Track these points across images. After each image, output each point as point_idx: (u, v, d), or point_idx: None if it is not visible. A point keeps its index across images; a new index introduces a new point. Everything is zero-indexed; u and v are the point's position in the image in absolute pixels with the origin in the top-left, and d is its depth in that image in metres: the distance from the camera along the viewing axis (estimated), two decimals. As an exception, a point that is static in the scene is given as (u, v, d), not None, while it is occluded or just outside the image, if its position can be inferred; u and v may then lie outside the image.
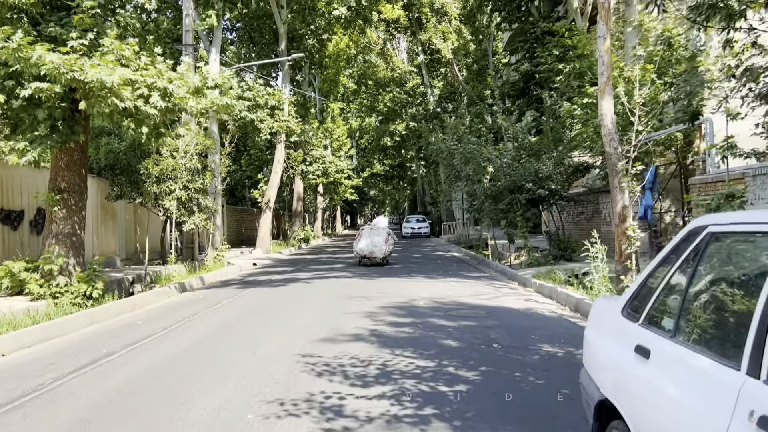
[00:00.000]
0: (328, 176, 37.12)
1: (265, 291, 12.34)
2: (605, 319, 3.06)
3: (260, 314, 9.23)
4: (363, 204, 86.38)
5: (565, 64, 23.92)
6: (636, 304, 2.76)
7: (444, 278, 14.17)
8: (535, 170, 16.01)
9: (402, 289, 12.01)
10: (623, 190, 10.87)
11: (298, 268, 17.95)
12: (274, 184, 25.22)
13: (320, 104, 43.82)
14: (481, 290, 11.74)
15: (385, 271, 16.11)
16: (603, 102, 11.15)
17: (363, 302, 10.00)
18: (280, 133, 25.10)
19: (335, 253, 25.11)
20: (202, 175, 16.76)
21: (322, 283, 13.48)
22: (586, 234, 19.95)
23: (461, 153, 18.29)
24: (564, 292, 10.37)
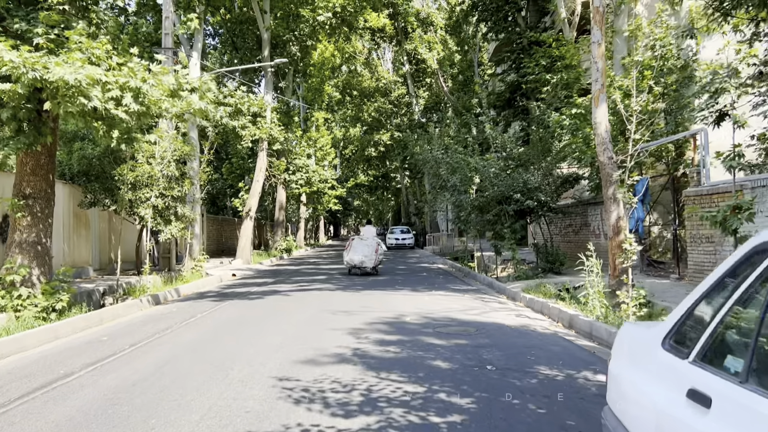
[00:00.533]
0: (311, 186, 36.53)
1: (243, 304, 11.73)
2: (639, 351, 2.56)
3: (236, 330, 8.63)
4: (347, 214, 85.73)
5: (552, 74, 23.74)
6: (682, 335, 2.26)
7: (430, 291, 13.66)
8: (524, 181, 15.62)
9: (387, 303, 11.47)
10: (618, 202, 10.48)
11: (279, 280, 17.33)
12: (256, 193, 24.59)
13: (304, 113, 43.31)
14: (470, 304, 11.25)
15: (370, 284, 15.56)
16: (597, 110, 10.77)
17: (346, 318, 9.45)
18: (262, 141, 24.51)
19: (318, 264, 24.50)
20: (180, 182, 16.13)
21: (303, 296, 12.89)
22: (574, 246, 19.61)
23: (448, 163, 17.88)
24: (556, 308, 9.91)
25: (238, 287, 15.49)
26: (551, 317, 9.93)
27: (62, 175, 16.27)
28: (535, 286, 12.92)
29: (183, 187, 16.04)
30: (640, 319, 8.88)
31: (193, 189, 18.51)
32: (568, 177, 16.28)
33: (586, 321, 8.56)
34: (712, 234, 11.45)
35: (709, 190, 11.44)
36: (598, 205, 16.73)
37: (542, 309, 10.60)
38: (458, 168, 17.62)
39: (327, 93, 49.58)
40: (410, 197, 56.74)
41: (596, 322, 8.32)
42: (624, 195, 9.34)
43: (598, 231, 16.92)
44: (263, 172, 24.74)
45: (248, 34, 25.51)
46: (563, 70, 23.59)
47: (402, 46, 40.45)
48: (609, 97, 11.52)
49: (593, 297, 9.34)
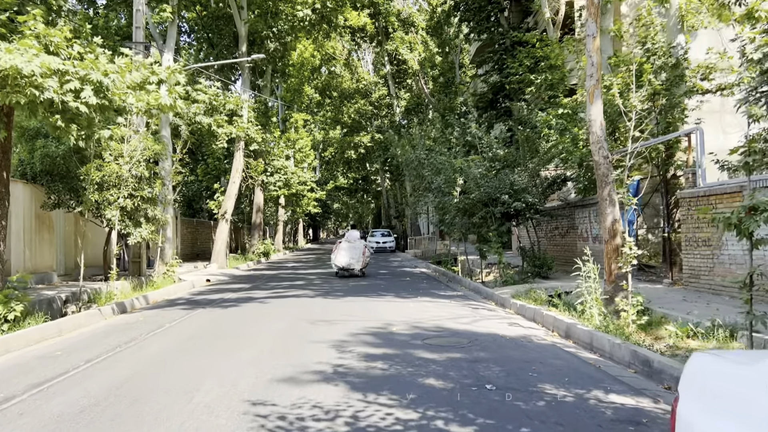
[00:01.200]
0: (290, 188, 35.68)
1: (216, 313, 10.94)
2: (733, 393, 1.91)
3: (206, 343, 7.87)
4: (326, 217, 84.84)
5: (536, 75, 23.31)
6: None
7: (415, 297, 13.00)
8: (511, 182, 15.06)
9: (371, 310, 10.79)
10: (614, 203, 9.94)
11: (255, 285, 16.53)
12: (232, 195, 23.73)
13: (283, 113, 42.48)
14: (459, 312, 10.61)
15: (351, 290, 14.86)
16: (592, 107, 10.23)
17: (327, 328, 8.74)
18: (238, 141, 23.67)
19: (296, 269, 23.71)
20: (151, 183, 15.28)
21: (281, 303, 12.14)
22: (560, 250, 19.13)
23: (432, 164, 17.28)
24: (551, 315, 9.32)
25: (212, 293, 14.68)
26: (546, 326, 9.34)
27: (23, 174, 15.31)
28: (525, 292, 12.34)
29: (154, 188, 15.19)
30: (641, 328, 8.34)
31: (165, 190, 17.64)
32: (555, 178, 15.76)
33: (586, 331, 7.97)
34: (709, 237, 10.98)
35: (706, 192, 10.97)
36: (586, 208, 16.27)
37: (535, 317, 10.01)
38: (442, 169, 17.03)
39: (307, 94, 48.79)
40: (391, 200, 56.13)
41: (597, 333, 7.73)
42: (623, 196, 8.78)
43: (586, 234, 16.44)
44: (240, 173, 23.88)
45: (225, 30, 24.67)
46: (547, 71, 23.19)
47: (383, 47, 39.86)
48: (608, 89, 10.95)
49: (591, 304, 8.76)
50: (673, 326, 8.05)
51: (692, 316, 8.62)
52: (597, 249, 15.90)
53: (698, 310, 9.20)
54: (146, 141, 15.26)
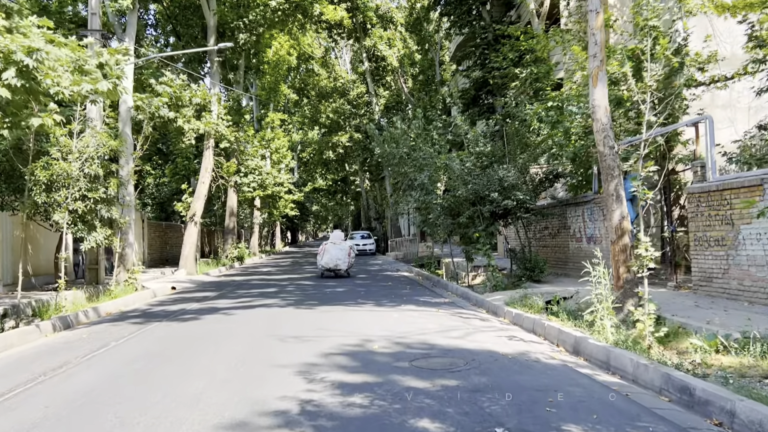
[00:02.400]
0: (265, 189, 34.23)
1: (171, 328, 9.58)
2: None
3: (148, 371, 6.53)
4: (305, 220, 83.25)
5: (521, 68, 22.28)
6: None
7: (398, 306, 11.76)
8: (500, 178, 13.92)
9: (348, 322, 9.52)
10: (621, 199, 8.84)
11: (222, 293, 15.15)
12: (201, 196, 22.26)
13: (258, 112, 41.01)
14: (448, 323, 9.39)
15: (327, 297, 13.58)
16: (595, 90, 9.11)
17: (297, 346, 7.46)
18: (208, 138, 22.22)
19: (270, 274, 22.32)
20: (106, 182, 13.84)
21: (248, 315, 10.80)
22: (551, 251, 18.03)
23: (414, 159, 16.09)
24: (554, 327, 8.15)
25: (173, 303, 13.28)
26: (548, 338, 8.17)
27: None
28: (519, 299, 11.19)
29: (108, 188, 13.74)
30: (659, 341, 7.21)
31: (124, 191, 16.18)
32: (548, 174, 14.65)
33: (600, 347, 6.80)
34: (723, 236, 9.92)
35: (719, 186, 9.91)
36: (579, 206, 15.20)
37: (535, 327, 8.84)
38: (426, 165, 15.84)
39: (283, 93, 47.34)
40: (371, 201, 54.87)
41: (614, 350, 6.57)
42: (638, 190, 7.64)
43: (579, 234, 15.37)
44: (209, 172, 22.43)
45: (193, 21, 23.22)
46: (533, 64, 22.17)
47: (361, 43, 38.63)
48: (620, 68, 9.84)
49: (602, 315, 7.60)
50: (697, 339, 6.91)
51: (715, 326, 7.52)
52: (592, 250, 14.82)
53: (719, 318, 8.11)
54: (101, 136, 13.82)
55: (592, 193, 14.67)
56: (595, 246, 14.61)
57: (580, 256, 15.51)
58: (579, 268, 15.88)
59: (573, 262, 15.91)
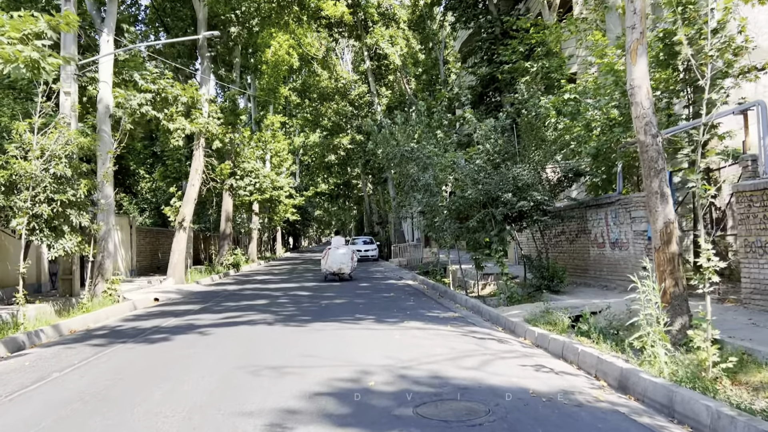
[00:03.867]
0: (263, 193, 32.81)
1: (134, 352, 8.11)
2: None
3: (73, 423, 5.06)
4: (307, 225, 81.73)
5: (531, 62, 20.89)
6: None
7: (402, 322, 10.28)
8: (514, 177, 12.46)
9: (342, 345, 8.05)
10: (666, 199, 7.34)
11: (207, 307, 13.70)
12: (191, 199, 20.83)
13: (257, 113, 39.67)
14: (460, 346, 7.91)
15: (322, 311, 12.12)
16: (634, 68, 7.64)
17: (274, 382, 5.99)
18: (198, 138, 20.83)
19: (266, 283, 20.86)
20: (76, 183, 12.44)
21: (226, 335, 9.33)
22: (568, 258, 16.51)
23: (419, 158, 14.64)
24: (591, 354, 6.67)
25: (149, 319, 11.84)
26: (583, 368, 6.70)
27: None
28: (541, 314, 9.70)
29: (78, 190, 12.33)
30: (728, 373, 5.73)
31: (100, 193, 14.78)
32: (567, 172, 13.16)
33: (659, 386, 5.32)
34: (783, 241, 8.44)
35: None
36: (601, 208, 13.72)
37: (565, 352, 7.36)
38: (431, 164, 14.38)
39: (283, 95, 46.02)
40: (373, 205, 53.43)
41: (679, 389, 5.09)
42: (698, 185, 6.16)
43: (602, 239, 13.87)
44: (200, 174, 21.00)
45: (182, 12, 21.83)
46: (544, 58, 20.78)
47: (362, 41, 37.24)
48: (664, 38, 8.38)
49: (654, 340, 6.11)
50: (779, 372, 5.45)
51: (792, 353, 6.06)
52: (616, 257, 13.34)
53: (793, 342, 6.64)
54: (69, 133, 12.42)
55: (616, 194, 13.20)
56: (621, 252, 13.15)
57: (602, 263, 14.03)
58: (601, 277, 14.41)
59: (594, 270, 14.42)
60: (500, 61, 22.94)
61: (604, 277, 13.86)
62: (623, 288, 13.12)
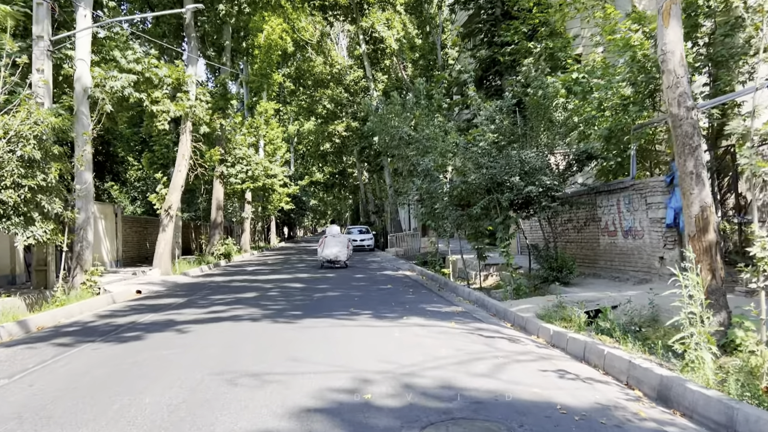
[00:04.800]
0: (255, 181, 31.78)
1: (97, 354, 7.18)
2: None
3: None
4: (302, 214, 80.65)
5: (534, 42, 19.98)
6: None
7: (401, 318, 9.38)
8: (521, 161, 11.53)
9: (335, 347, 7.13)
10: (702, 181, 6.44)
11: (191, 300, 12.78)
12: (177, 186, 19.82)
13: (249, 100, 38.55)
14: (468, 346, 7.02)
15: (315, 305, 11.21)
16: (667, 31, 6.71)
17: (253, 396, 5.07)
18: (185, 121, 19.79)
19: (256, 274, 19.93)
20: (46, 167, 11.45)
21: (207, 333, 8.41)
22: (575, 248, 15.61)
23: (418, 141, 13.70)
24: (620, 358, 5.79)
25: (127, 314, 10.91)
26: (611, 373, 5.82)
27: None
28: (553, 309, 8.84)
29: (49, 174, 11.35)
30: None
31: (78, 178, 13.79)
32: (578, 156, 12.23)
33: (713, 400, 4.43)
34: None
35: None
36: (613, 194, 12.83)
37: (587, 354, 6.48)
38: (431, 147, 13.44)
39: (278, 82, 44.84)
40: (369, 194, 52.45)
41: (742, 407, 4.21)
42: (752, 161, 5.26)
43: (613, 227, 12.99)
44: (187, 159, 19.98)
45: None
46: (548, 38, 19.86)
47: (358, 24, 36.11)
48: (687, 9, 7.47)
49: (698, 342, 5.22)
50: None
51: None
52: (629, 246, 12.45)
53: None
54: (38, 112, 11.41)
55: (629, 179, 12.29)
56: (635, 241, 12.27)
57: (613, 252, 13.15)
58: (612, 268, 13.52)
59: (604, 259, 13.55)
60: (501, 42, 22.02)
61: (616, 268, 12.99)
62: (637, 279, 12.28)
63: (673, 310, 8.17)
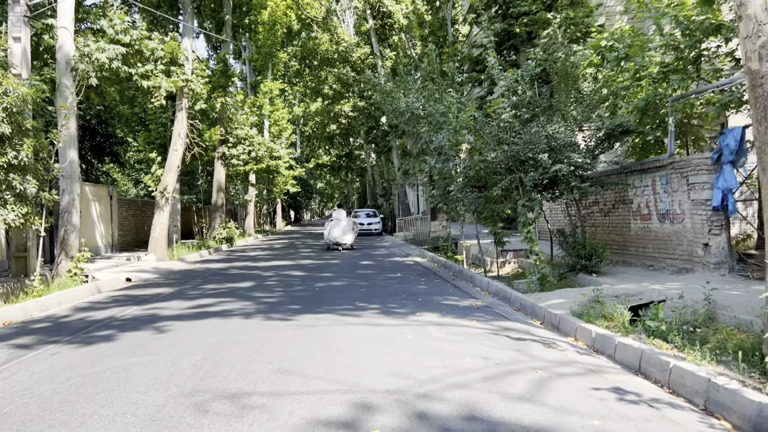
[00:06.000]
0: (259, 162, 30.59)
1: (53, 362, 6.04)
2: None
3: None
4: (308, 197, 79.48)
5: (554, 12, 18.63)
6: None
7: (413, 313, 8.21)
8: (548, 136, 10.25)
9: (336, 353, 5.96)
10: (789, 151, 5.18)
11: (181, 290, 11.65)
12: (173, 167, 18.64)
13: (252, 78, 37.25)
14: (495, 353, 5.82)
15: (316, 298, 10.05)
16: (749, -33, 5.42)
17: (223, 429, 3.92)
18: (180, 98, 18.56)
19: (257, 260, 18.81)
20: (17, 142, 10.29)
21: (186, 333, 7.26)
22: (602, 232, 14.30)
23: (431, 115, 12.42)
24: (696, 375, 4.57)
25: (107, 306, 9.79)
26: (681, 392, 4.62)
27: None
28: (588, 305, 7.65)
29: (21, 151, 10.18)
30: None
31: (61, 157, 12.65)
32: (614, 129, 10.89)
33: None
34: None
35: None
36: (647, 173, 11.54)
37: (644, 366, 5.28)
38: (445, 122, 12.17)
39: (283, 61, 43.39)
40: (376, 177, 51.18)
41: None
42: None
43: (647, 210, 11.72)
44: (183, 138, 18.77)
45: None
46: (568, 7, 18.52)
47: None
48: None
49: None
50: None
51: None
52: (666, 232, 11.15)
53: None
54: (8, 81, 10.20)
55: (666, 156, 10.99)
56: (672, 226, 11.00)
57: (647, 238, 11.89)
58: (645, 255, 12.20)
59: (636, 246, 12.30)
60: (517, 13, 20.66)
61: (649, 255, 11.75)
62: (675, 268, 11.02)
63: (734, 307, 6.96)
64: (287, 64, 46.73)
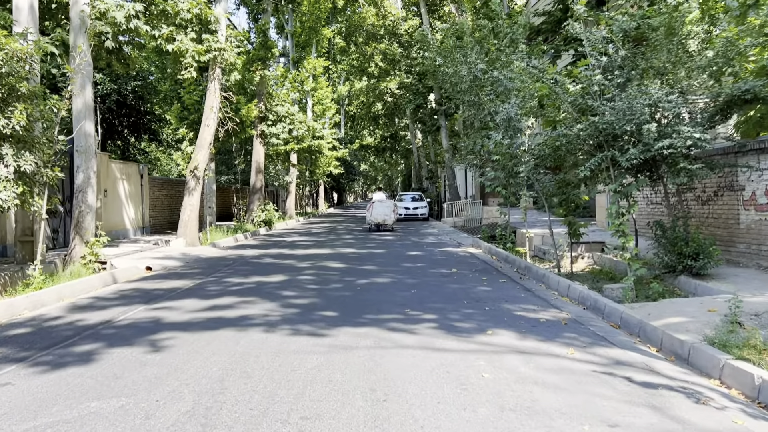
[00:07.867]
0: (300, 141, 28.96)
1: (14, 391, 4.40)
2: None
3: None
4: (351, 179, 77.89)
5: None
6: None
7: (483, 331, 6.27)
8: (652, 104, 8.07)
9: (381, 404, 4.10)
10: None
11: (201, 284, 10.02)
12: (205, 144, 17.06)
13: (294, 54, 35.59)
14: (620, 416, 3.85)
15: (356, 299, 8.23)
16: None
17: None
18: (213, 68, 16.92)
19: (294, 246, 17.14)
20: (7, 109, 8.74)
21: (188, 353, 5.51)
22: (699, 225, 12.10)
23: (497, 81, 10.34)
24: None
25: (109, 305, 8.20)
26: None
27: None
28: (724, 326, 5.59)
29: (12, 118, 8.62)
30: None
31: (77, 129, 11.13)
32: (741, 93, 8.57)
33: None
34: None
35: None
36: (766, 153, 9.23)
37: None
38: (515, 89, 10.08)
39: (327, 37, 41.55)
40: (422, 158, 48.99)
41: None
42: None
43: (765, 199, 9.42)
44: (215, 113, 17.13)
45: None
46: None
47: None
48: None
49: None
50: None
51: None
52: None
53: None
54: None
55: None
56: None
57: (763, 234, 9.60)
58: (760, 254, 9.90)
59: (747, 242, 10.01)
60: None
61: (765, 255, 9.48)
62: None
63: None
64: (332, 41, 44.88)
